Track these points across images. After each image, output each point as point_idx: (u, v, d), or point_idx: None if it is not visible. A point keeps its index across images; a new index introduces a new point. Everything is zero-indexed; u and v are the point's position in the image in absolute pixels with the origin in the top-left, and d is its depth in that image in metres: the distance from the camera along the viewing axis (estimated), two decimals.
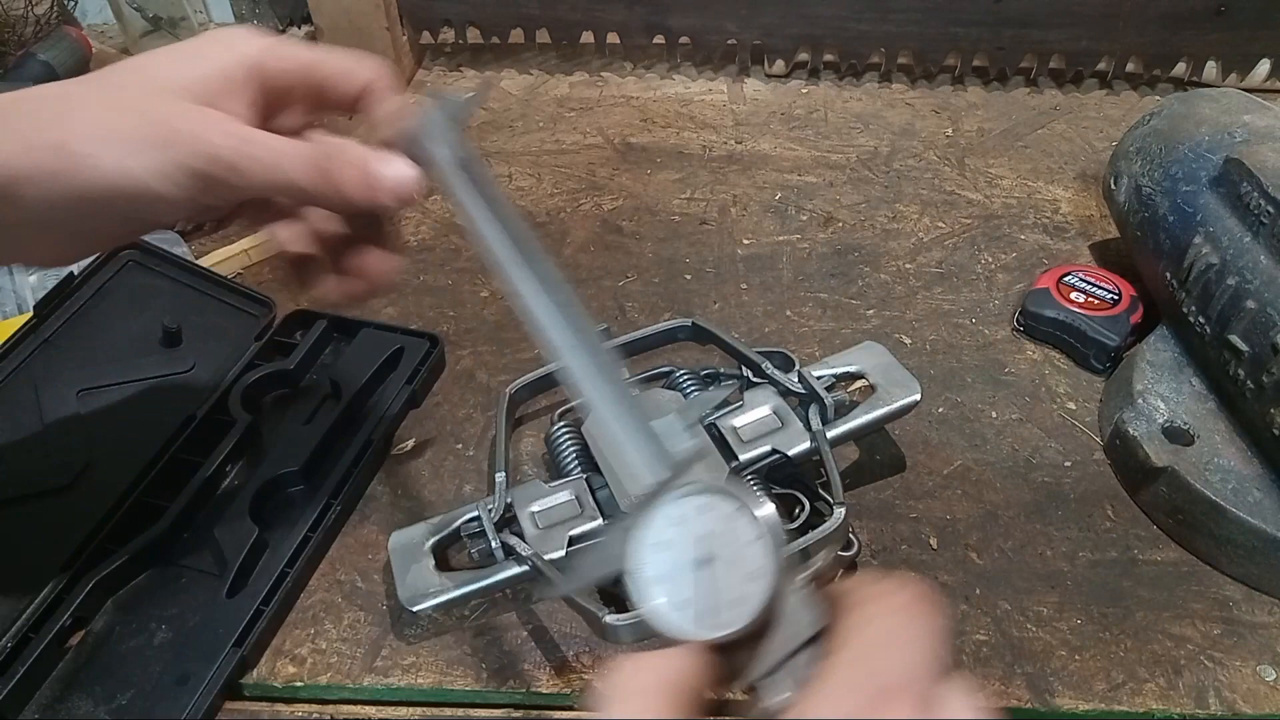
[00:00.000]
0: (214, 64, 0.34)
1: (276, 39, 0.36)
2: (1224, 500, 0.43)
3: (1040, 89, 0.86)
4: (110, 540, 0.44)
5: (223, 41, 0.35)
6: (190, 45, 0.35)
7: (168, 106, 0.32)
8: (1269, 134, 0.51)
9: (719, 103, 0.85)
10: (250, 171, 0.33)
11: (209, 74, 0.34)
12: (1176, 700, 0.40)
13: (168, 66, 0.34)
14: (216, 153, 0.32)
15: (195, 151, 0.32)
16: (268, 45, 0.35)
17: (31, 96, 0.32)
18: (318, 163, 0.34)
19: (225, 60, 0.34)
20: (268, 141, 0.33)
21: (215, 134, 0.32)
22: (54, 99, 0.32)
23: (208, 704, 0.38)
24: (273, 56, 0.35)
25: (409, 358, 0.54)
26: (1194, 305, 0.49)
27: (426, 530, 0.44)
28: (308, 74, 0.36)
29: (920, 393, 0.46)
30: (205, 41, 0.35)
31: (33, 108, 0.32)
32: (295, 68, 0.36)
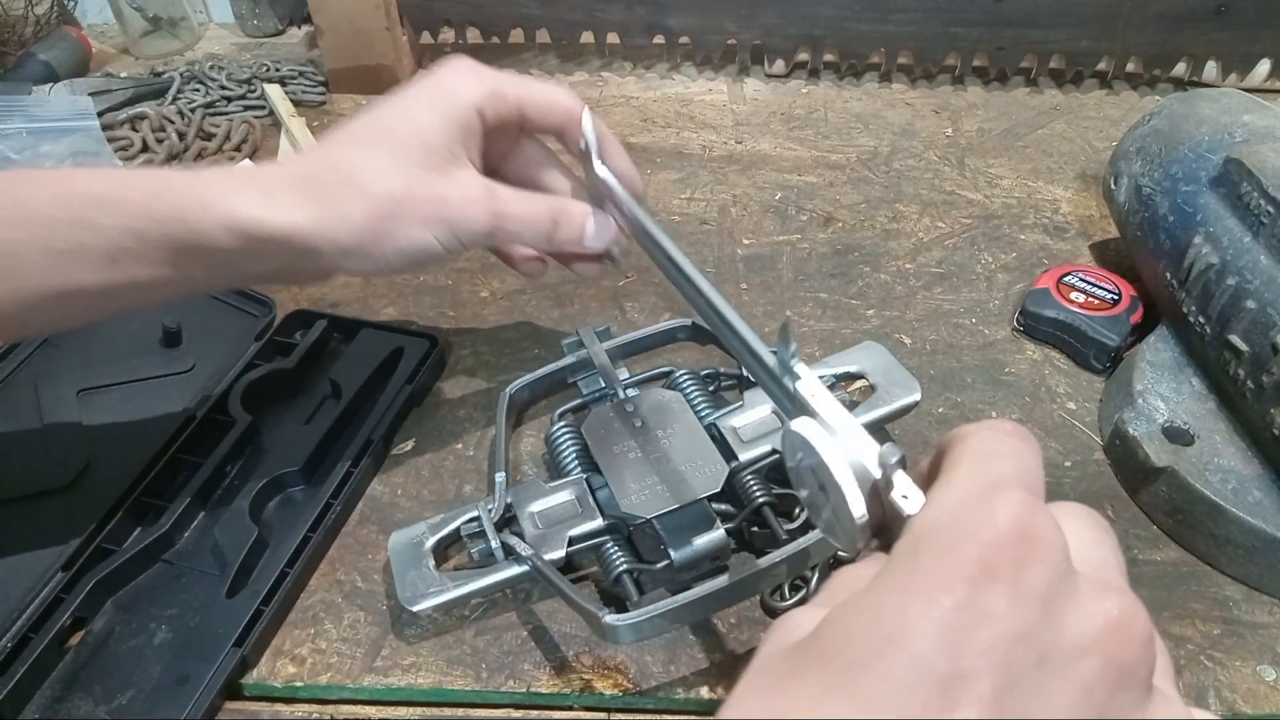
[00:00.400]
0: (455, 117, 0.41)
1: (493, 81, 0.42)
2: (1224, 500, 0.43)
3: (1040, 89, 0.86)
4: (110, 540, 0.44)
5: (452, 89, 0.41)
6: (428, 95, 0.41)
7: (442, 183, 0.39)
8: (1269, 134, 0.51)
9: (719, 103, 0.85)
10: (501, 237, 0.42)
11: (453, 128, 0.41)
12: None
13: (426, 126, 0.40)
14: (483, 227, 0.40)
15: (469, 229, 0.40)
16: (488, 91, 0.42)
17: (330, 170, 0.38)
18: (548, 229, 0.42)
19: (460, 111, 0.41)
20: (516, 212, 0.41)
21: (482, 213, 0.40)
22: (353, 171, 0.38)
23: (208, 704, 0.38)
24: (494, 101, 0.42)
25: (409, 358, 0.54)
26: (1194, 305, 0.49)
27: (426, 530, 0.44)
28: (520, 110, 0.43)
29: (920, 393, 0.46)
30: (438, 90, 0.41)
31: (335, 179, 0.38)
32: (511, 108, 0.43)
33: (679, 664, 0.41)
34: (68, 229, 0.35)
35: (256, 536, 0.44)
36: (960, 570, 0.20)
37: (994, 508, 0.21)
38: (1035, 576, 0.20)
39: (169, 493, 0.47)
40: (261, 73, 0.85)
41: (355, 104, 0.84)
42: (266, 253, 0.38)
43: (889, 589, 0.21)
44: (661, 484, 0.43)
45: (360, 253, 0.38)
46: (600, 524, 0.43)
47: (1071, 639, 0.20)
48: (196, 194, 0.36)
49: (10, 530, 0.45)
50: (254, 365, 0.54)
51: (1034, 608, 0.20)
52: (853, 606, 0.21)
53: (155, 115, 0.75)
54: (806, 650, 0.22)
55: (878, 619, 0.20)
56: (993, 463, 0.23)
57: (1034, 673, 0.19)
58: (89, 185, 0.36)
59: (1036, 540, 0.21)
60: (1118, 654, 0.20)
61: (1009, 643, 0.19)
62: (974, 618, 0.19)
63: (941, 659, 0.19)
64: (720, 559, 0.43)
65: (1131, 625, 0.21)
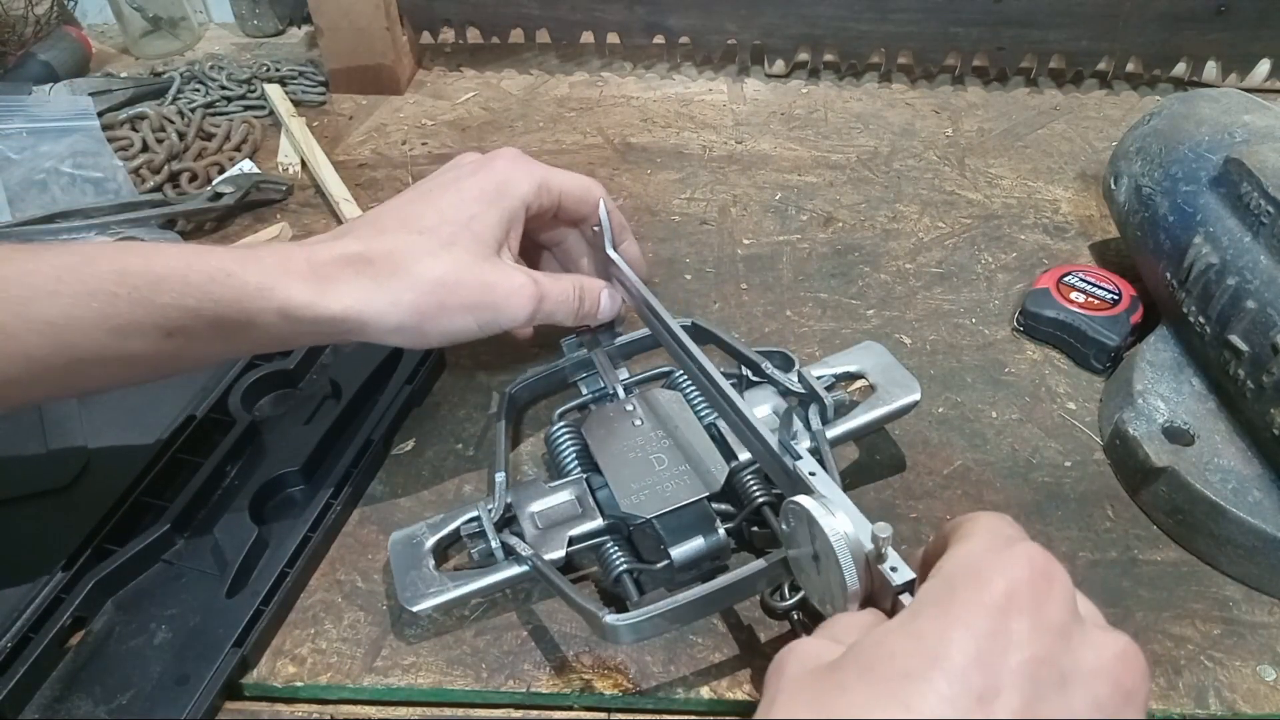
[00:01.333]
0: (506, 210, 0.45)
1: (541, 176, 0.47)
2: (1224, 500, 0.43)
3: (1040, 89, 0.86)
4: (110, 540, 0.44)
5: (504, 184, 0.45)
6: (482, 186, 0.45)
7: (490, 272, 0.42)
8: (1269, 134, 0.51)
9: (719, 103, 0.85)
10: (538, 320, 0.45)
11: (503, 219, 0.44)
12: (1176, 700, 0.40)
13: (479, 217, 0.43)
14: (525, 315, 0.44)
15: (513, 316, 0.43)
16: (536, 187, 0.46)
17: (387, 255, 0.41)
18: (575, 307, 0.47)
19: (511, 205, 0.45)
20: (553, 295, 0.45)
21: (526, 301, 0.43)
22: (406, 258, 0.41)
23: (208, 704, 0.38)
24: (540, 194, 0.47)
25: (409, 358, 0.54)
26: (1194, 305, 0.49)
27: (426, 530, 0.44)
28: (559, 202, 0.48)
29: (920, 393, 0.46)
30: (493, 181, 0.45)
31: (389, 263, 0.41)
32: (552, 200, 0.48)
33: (679, 664, 0.41)
34: (127, 306, 0.37)
35: (256, 536, 0.44)
36: (991, 602, 0.24)
37: (1015, 554, 0.25)
38: (1053, 611, 0.24)
39: (169, 493, 0.47)
40: (261, 73, 0.85)
41: (355, 104, 0.84)
42: (316, 332, 0.41)
43: (929, 617, 0.25)
44: (661, 484, 0.43)
45: (404, 331, 0.41)
46: (600, 524, 0.43)
47: (1086, 665, 0.24)
48: (253, 280, 0.38)
49: (10, 530, 0.45)
50: (254, 365, 0.54)
51: (1054, 637, 0.24)
52: (893, 632, 0.25)
53: (155, 115, 0.75)
54: (844, 669, 0.25)
55: (921, 642, 0.24)
56: (1006, 529, 0.28)
57: (1056, 691, 0.23)
58: (148, 264, 0.37)
59: (1054, 580, 0.25)
60: (1125, 679, 0.24)
61: (1035, 664, 0.23)
62: (1005, 642, 0.23)
63: (978, 675, 0.23)
64: (720, 559, 0.43)
65: (1134, 658, 0.25)
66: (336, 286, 0.39)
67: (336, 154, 0.76)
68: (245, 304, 0.38)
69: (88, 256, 0.37)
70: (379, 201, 0.71)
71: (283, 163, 0.74)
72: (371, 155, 0.77)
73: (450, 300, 0.41)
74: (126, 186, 0.68)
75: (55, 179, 0.67)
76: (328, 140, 0.78)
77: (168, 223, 0.66)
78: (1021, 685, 0.23)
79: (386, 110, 0.84)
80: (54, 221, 0.62)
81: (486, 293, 0.42)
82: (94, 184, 0.68)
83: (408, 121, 0.82)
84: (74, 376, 0.38)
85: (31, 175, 0.67)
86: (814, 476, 0.35)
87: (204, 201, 0.67)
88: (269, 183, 0.70)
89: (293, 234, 0.67)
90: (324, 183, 0.71)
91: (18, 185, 0.66)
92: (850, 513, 0.32)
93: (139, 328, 0.37)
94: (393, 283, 0.40)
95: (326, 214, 0.70)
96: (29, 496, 0.47)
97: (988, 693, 0.22)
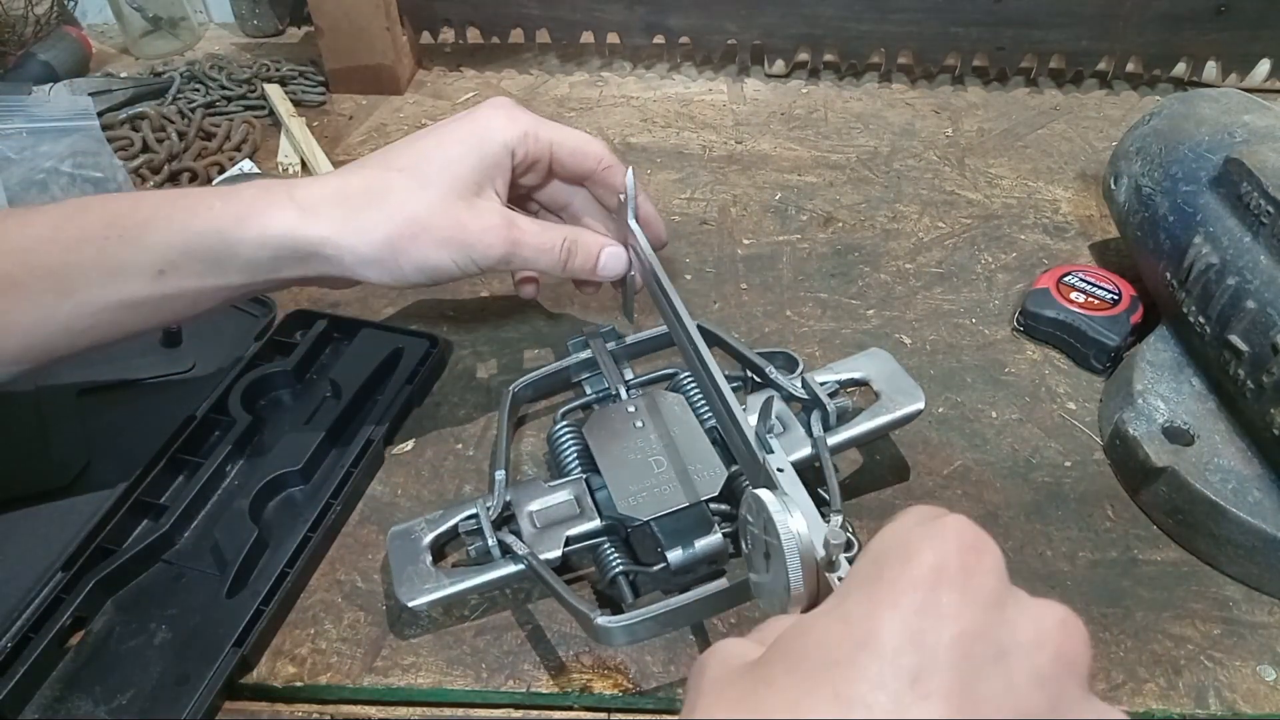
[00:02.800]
0: (486, 154, 0.44)
1: (528, 124, 0.46)
2: (1224, 500, 0.43)
3: (1040, 89, 0.86)
4: (110, 540, 0.44)
5: (488, 127, 0.45)
6: (464, 130, 0.45)
7: (463, 210, 0.43)
8: (1269, 134, 0.50)
9: (719, 103, 0.85)
10: (517, 264, 0.45)
11: (483, 163, 0.44)
12: (1176, 700, 0.40)
13: (458, 158, 0.44)
14: (496, 255, 0.43)
15: (485, 254, 0.43)
16: (522, 132, 0.45)
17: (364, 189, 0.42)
18: (562, 257, 0.46)
19: (492, 149, 0.44)
20: (532, 241, 0.44)
21: (497, 242, 0.43)
22: (382, 191, 0.42)
23: (208, 704, 0.38)
24: (526, 141, 0.46)
25: (409, 358, 0.54)
26: (1194, 305, 0.49)
27: (424, 526, 0.44)
28: (550, 152, 0.47)
29: (924, 401, 0.46)
30: (474, 127, 0.45)
31: (365, 196, 0.42)
32: (541, 149, 0.47)
33: (679, 664, 0.41)
34: (118, 247, 0.39)
35: (256, 536, 0.44)
36: (919, 578, 0.23)
37: (943, 527, 0.24)
38: (983, 583, 0.23)
39: (169, 493, 0.47)
40: (261, 73, 0.85)
41: (355, 104, 0.84)
42: (296, 260, 0.41)
43: (856, 601, 0.23)
44: (660, 486, 0.43)
45: (379, 264, 0.42)
46: (598, 525, 0.43)
47: (1024, 636, 0.23)
48: (233, 209, 0.40)
49: (10, 530, 0.45)
50: (254, 365, 0.54)
51: (987, 610, 0.23)
52: (820, 619, 0.24)
53: (155, 115, 0.75)
54: (769, 663, 0.24)
55: (848, 627, 0.23)
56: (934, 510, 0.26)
57: (993, 665, 0.22)
58: (135, 207, 0.40)
59: (983, 552, 0.24)
60: (1066, 647, 0.23)
61: (969, 639, 0.22)
62: (935, 619, 0.22)
63: (910, 656, 0.22)
64: (717, 563, 0.43)
65: (1074, 626, 0.23)
66: (315, 216, 0.41)
67: (336, 154, 0.76)
68: (226, 233, 0.40)
69: (80, 206, 0.40)
70: None
71: (283, 163, 0.74)
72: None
73: (422, 235, 0.42)
74: (126, 186, 0.68)
75: (55, 179, 0.67)
76: (328, 140, 0.78)
77: None
78: (956, 661, 0.22)
79: (386, 110, 0.84)
80: None
81: (458, 230, 0.42)
82: (94, 184, 0.68)
83: (408, 121, 0.82)
84: (79, 322, 0.40)
85: (31, 175, 0.67)
86: (781, 473, 0.34)
87: None
88: None
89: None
90: None
91: (18, 185, 0.66)
92: (809, 515, 0.31)
93: (133, 267, 0.39)
94: (368, 213, 0.42)
95: None
96: (29, 496, 0.47)
97: (921, 672, 0.21)
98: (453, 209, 0.43)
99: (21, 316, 0.39)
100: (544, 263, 0.46)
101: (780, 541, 0.30)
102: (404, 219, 0.42)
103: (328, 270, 0.42)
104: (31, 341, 0.40)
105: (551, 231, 0.46)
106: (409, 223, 0.42)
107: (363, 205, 0.42)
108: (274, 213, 0.40)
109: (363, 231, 0.41)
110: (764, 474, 0.35)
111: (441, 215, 0.42)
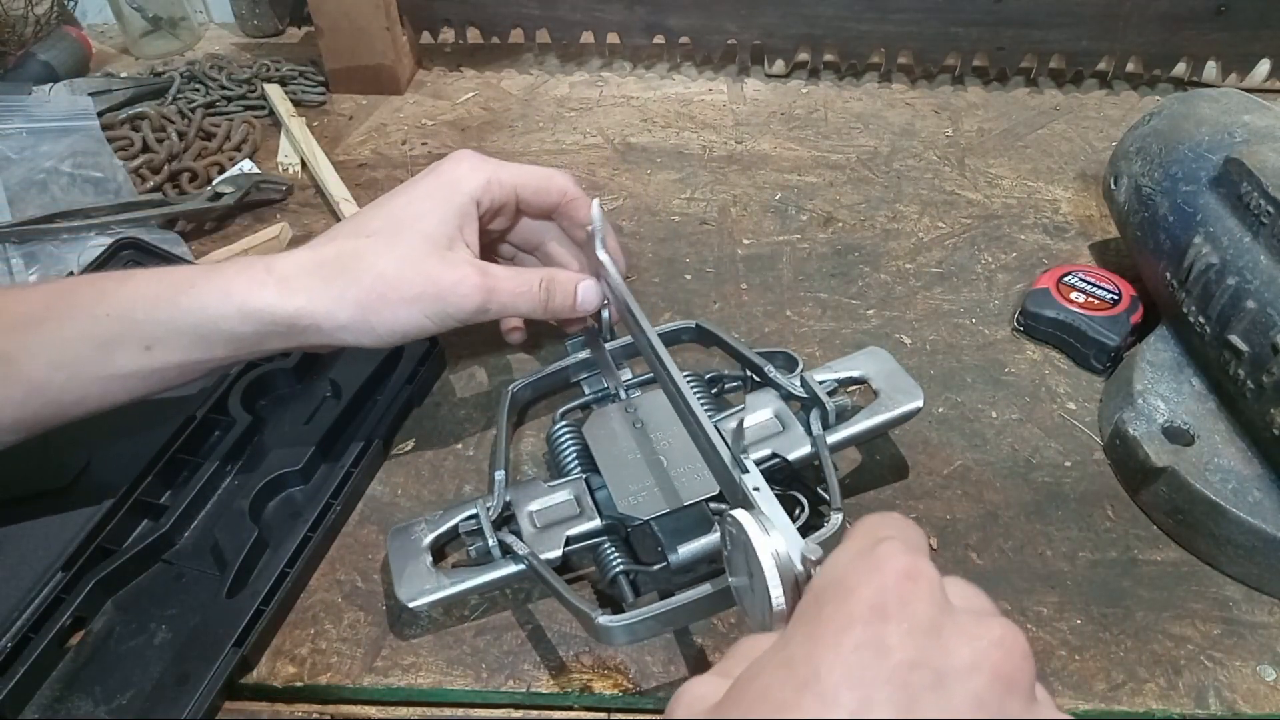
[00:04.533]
0: (454, 206, 0.45)
1: (490, 170, 0.47)
2: (1224, 500, 0.43)
3: (1040, 89, 0.86)
4: (110, 540, 0.44)
5: (452, 182, 0.46)
6: (430, 186, 0.46)
7: (435, 265, 0.43)
8: (1269, 134, 0.51)
9: (719, 103, 0.85)
10: (495, 311, 0.45)
11: (452, 216, 0.45)
12: (1176, 700, 0.40)
13: (426, 214, 0.45)
14: (472, 305, 0.44)
15: (459, 305, 0.43)
16: (485, 180, 0.47)
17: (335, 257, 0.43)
18: (542, 297, 0.46)
19: (460, 200, 0.46)
20: (507, 288, 0.45)
21: (471, 291, 0.43)
22: (353, 257, 0.43)
23: (208, 704, 0.38)
24: (490, 188, 0.47)
25: (409, 358, 0.54)
26: (1194, 305, 0.49)
27: (424, 526, 0.44)
28: (514, 195, 0.49)
29: (923, 400, 0.46)
30: (439, 181, 0.46)
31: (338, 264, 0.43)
32: (506, 193, 0.48)
33: (679, 664, 0.41)
34: (108, 323, 0.40)
35: (256, 536, 0.44)
36: (856, 614, 0.24)
37: (878, 558, 0.25)
38: (921, 611, 0.24)
39: (169, 493, 0.47)
40: (261, 73, 0.85)
41: (355, 104, 0.84)
42: (277, 333, 0.42)
43: (798, 643, 0.24)
44: (660, 486, 0.43)
45: (354, 328, 0.42)
46: (598, 524, 0.43)
47: (961, 660, 0.23)
48: (215, 286, 0.41)
49: (10, 530, 0.45)
50: (254, 365, 0.54)
51: (924, 637, 0.23)
52: (766, 664, 0.24)
53: (155, 115, 0.75)
54: (724, 711, 0.24)
55: (791, 671, 0.23)
56: (877, 529, 0.27)
57: (931, 693, 0.23)
58: (122, 285, 0.41)
59: (918, 578, 0.24)
60: (1002, 667, 0.23)
61: (907, 669, 0.23)
62: (873, 653, 0.23)
63: (849, 693, 0.22)
64: (718, 562, 0.43)
65: (1011, 642, 0.24)
66: (291, 288, 0.42)
67: (336, 154, 0.76)
68: (210, 309, 0.41)
69: (70, 285, 0.42)
70: None
71: (283, 163, 0.74)
72: (371, 155, 0.77)
73: (392, 294, 0.42)
74: (126, 186, 0.68)
75: (55, 179, 0.67)
76: (328, 140, 0.78)
77: (168, 223, 0.66)
78: (893, 694, 0.22)
79: (386, 110, 0.84)
80: (54, 221, 0.62)
81: (430, 284, 0.43)
82: (94, 184, 0.68)
83: (408, 121, 0.82)
84: (71, 395, 0.41)
85: (31, 175, 0.67)
86: (758, 492, 0.35)
87: (204, 201, 0.67)
88: (269, 183, 0.70)
89: (293, 234, 0.67)
90: (324, 183, 0.71)
91: (18, 185, 0.66)
92: (787, 532, 0.32)
93: (121, 342, 0.41)
94: (339, 280, 0.42)
95: (326, 214, 0.70)
96: (29, 496, 0.47)
97: (861, 707, 0.22)
98: (423, 265, 0.43)
99: (15, 390, 0.40)
100: (524, 306, 0.46)
101: (760, 561, 0.30)
102: (372, 280, 0.42)
103: (308, 339, 0.43)
104: (24, 414, 0.41)
105: (526, 274, 0.46)
106: (377, 282, 0.42)
107: (334, 273, 0.42)
108: (253, 289, 0.41)
109: (334, 299, 0.42)
110: (741, 493, 0.36)
111: (412, 271, 0.43)
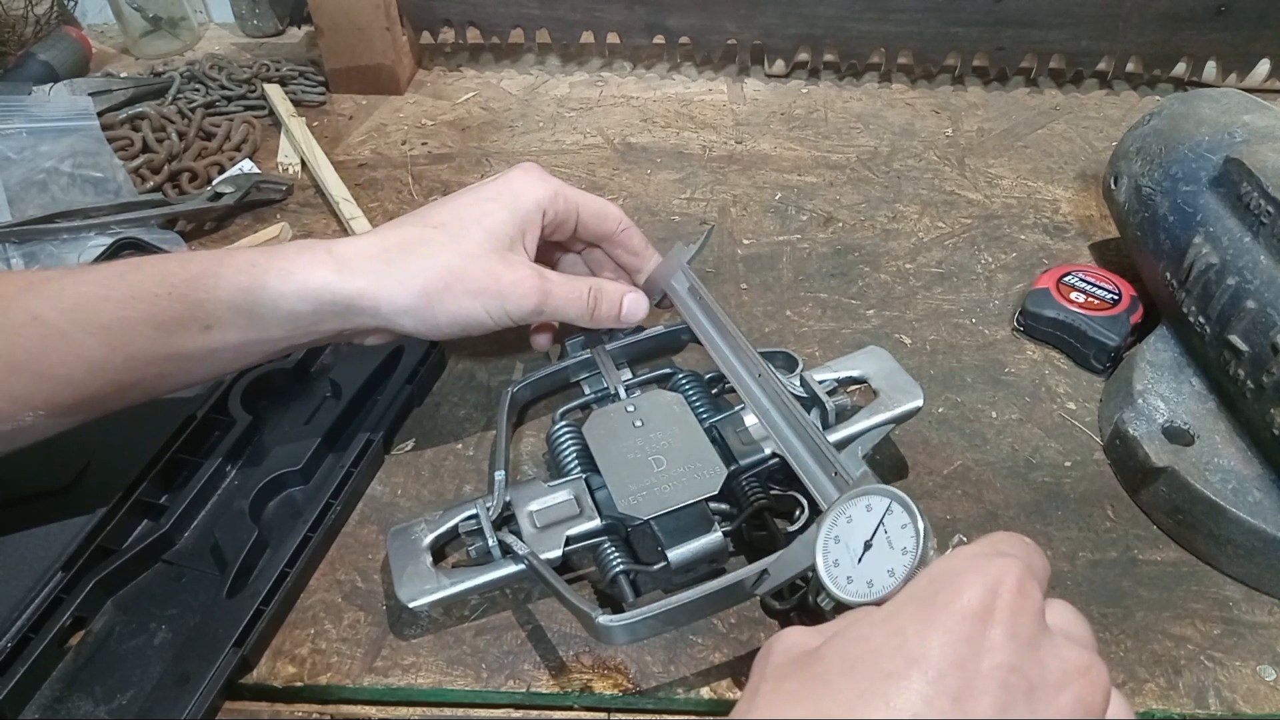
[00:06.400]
0: (519, 212, 0.47)
1: (557, 185, 0.49)
2: (1224, 500, 0.43)
3: (1040, 89, 0.86)
4: (110, 540, 0.44)
5: (522, 189, 0.47)
6: (499, 191, 0.47)
7: (497, 263, 0.45)
8: (1269, 134, 0.51)
9: (719, 103, 0.85)
10: (548, 314, 0.47)
11: (516, 220, 0.46)
12: (1176, 700, 0.40)
13: (491, 215, 0.46)
14: (529, 305, 0.45)
15: (516, 305, 0.45)
16: (551, 193, 0.48)
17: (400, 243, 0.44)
18: (590, 305, 0.48)
19: (526, 206, 0.47)
20: (561, 292, 0.47)
21: (530, 292, 0.45)
22: (419, 244, 0.44)
23: (208, 704, 0.38)
24: (556, 201, 0.48)
25: (409, 358, 0.54)
26: (1194, 305, 0.49)
27: (424, 526, 0.44)
28: (576, 214, 0.50)
29: (923, 399, 0.46)
30: (507, 187, 0.47)
31: (403, 250, 0.44)
32: (569, 209, 0.50)
33: (679, 664, 0.41)
34: (168, 304, 0.40)
35: (256, 536, 0.44)
36: (969, 610, 0.26)
37: (999, 566, 0.27)
38: (1025, 624, 0.26)
39: (169, 493, 0.47)
40: (261, 73, 0.85)
41: (355, 104, 0.84)
42: (335, 313, 0.43)
43: (910, 617, 0.27)
44: (660, 485, 0.43)
45: (414, 313, 0.43)
46: (598, 524, 0.43)
47: (1054, 676, 0.26)
48: (275, 264, 0.42)
49: (10, 530, 0.45)
50: (254, 365, 0.54)
51: (1025, 646, 0.26)
52: (876, 627, 0.27)
53: (155, 115, 0.75)
54: (827, 660, 0.27)
55: (903, 642, 0.26)
56: (1003, 543, 0.30)
57: (1024, 699, 0.25)
58: (184, 265, 0.41)
59: (1028, 597, 0.27)
60: (1086, 694, 0.26)
61: (1006, 671, 0.25)
62: (979, 648, 0.25)
63: (955, 678, 0.25)
64: (717, 561, 0.43)
65: (1097, 675, 0.27)
66: (352, 270, 0.42)
67: (336, 154, 0.76)
68: (270, 287, 0.41)
69: (131, 264, 0.42)
70: (379, 201, 0.71)
71: (283, 163, 0.74)
72: (371, 155, 0.77)
73: (457, 285, 0.43)
74: (126, 186, 0.68)
75: (55, 179, 0.67)
76: (328, 140, 0.78)
77: (168, 223, 0.66)
78: (993, 690, 0.25)
79: (386, 110, 0.84)
80: (54, 221, 0.62)
81: (492, 281, 0.44)
82: (94, 184, 0.68)
83: (408, 121, 0.82)
84: (129, 375, 0.41)
85: (31, 175, 0.67)
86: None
87: (204, 201, 0.67)
88: (269, 183, 0.70)
89: (293, 234, 0.67)
90: (324, 183, 0.71)
91: (17, 185, 0.66)
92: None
93: (181, 323, 0.41)
94: (405, 264, 0.43)
95: (326, 214, 0.70)
96: (29, 496, 0.47)
97: (962, 694, 0.24)
98: (486, 262, 0.44)
99: (74, 370, 0.40)
100: (572, 312, 0.48)
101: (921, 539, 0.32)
102: (439, 269, 0.43)
103: (365, 322, 0.43)
104: (83, 395, 0.41)
105: (577, 282, 0.48)
106: (444, 272, 0.43)
107: (399, 258, 0.43)
108: (314, 268, 0.42)
109: (399, 281, 0.43)
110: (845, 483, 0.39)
111: (475, 267, 0.44)
